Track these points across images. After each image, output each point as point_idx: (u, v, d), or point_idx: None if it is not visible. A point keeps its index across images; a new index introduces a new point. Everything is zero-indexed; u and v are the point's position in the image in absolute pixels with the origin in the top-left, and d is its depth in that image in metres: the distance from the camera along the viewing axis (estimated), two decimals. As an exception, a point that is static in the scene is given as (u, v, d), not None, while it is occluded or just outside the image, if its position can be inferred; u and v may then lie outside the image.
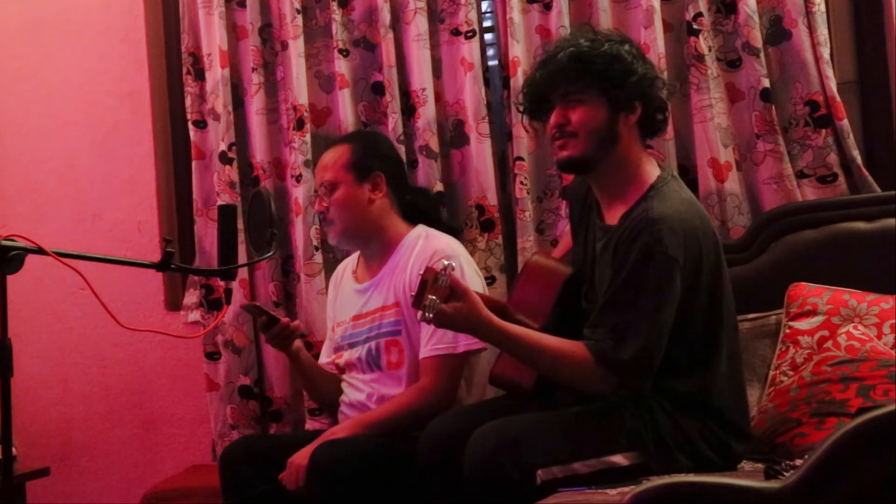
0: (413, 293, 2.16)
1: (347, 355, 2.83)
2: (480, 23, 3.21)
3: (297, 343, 2.84)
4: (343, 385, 2.86)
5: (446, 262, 2.14)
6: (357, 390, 2.80)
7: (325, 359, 2.95)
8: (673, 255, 2.19)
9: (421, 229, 2.82)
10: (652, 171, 2.36)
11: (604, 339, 2.20)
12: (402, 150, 3.14)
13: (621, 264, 2.23)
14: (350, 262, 2.97)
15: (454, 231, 2.97)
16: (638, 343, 2.17)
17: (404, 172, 2.99)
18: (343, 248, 3.07)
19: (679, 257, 2.19)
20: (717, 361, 2.30)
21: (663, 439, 2.23)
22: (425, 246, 2.74)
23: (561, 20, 3.06)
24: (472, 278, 2.72)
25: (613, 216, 2.35)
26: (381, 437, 2.60)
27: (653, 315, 2.19)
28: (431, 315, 2.13)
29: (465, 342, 2.63)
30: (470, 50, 3.15)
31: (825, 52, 2.94)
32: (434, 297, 2.12)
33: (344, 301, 2.90)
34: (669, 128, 2.99)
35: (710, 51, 2.99)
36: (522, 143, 3.07)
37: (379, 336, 2.77)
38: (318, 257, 3.22)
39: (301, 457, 2.57)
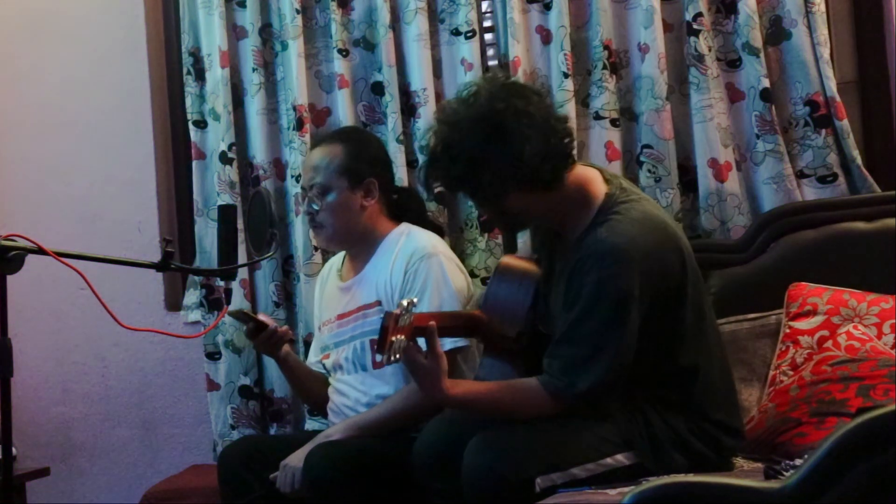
0: (375, 340, 2.13)
1: (335, 356, 2.82)
2: (480, 23, 3.21)
3: (286, 347, 2.84)
4: (330, 391, 2.84)
5: (405, 302, 2.11)
6: (344, 395, 2.79)
7: (313, 358, 2.94)
8: (625, 288, 2.16)
9: (403, 227, 2.81)
10: (598, 191, 2.29)
11: (558, 375, 2.21)
12: (402, 150, 3.15)
13: (575, 299, 2.21)
14: (336, 262, 2.96)
15: (438, 230, 2.97)
16: (592, 377, 2.18)
17: (393, 173, 2.98)
18: (329, 251, 3.07)
19: (633, 288, 2.16)
20: (687, 373, 2.28)
21: (657, 438, 2.24)
22: (406, 244, 2.74)
23: (561, 20, 3.06)
24: (455, 274, 2.71)
25: (571, 236, 2.32)
26: (376, 438, 2.60)
27: (607, 348, 2.18)
28: (398, 355, 2.10)
29: (451, 340, 2.60)
30: (470, 50, 3.15)
31: (825, 52, 2.94)
32: (401, 337, 2.08)
33: (328, 300, 2.90)
34: (670, 127, 3.01)
35: (710, 51, 2.99)
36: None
37: (364, 335, 2.75)
38: (318, 257, 3.21)
39: (295, 460, 2.56)
